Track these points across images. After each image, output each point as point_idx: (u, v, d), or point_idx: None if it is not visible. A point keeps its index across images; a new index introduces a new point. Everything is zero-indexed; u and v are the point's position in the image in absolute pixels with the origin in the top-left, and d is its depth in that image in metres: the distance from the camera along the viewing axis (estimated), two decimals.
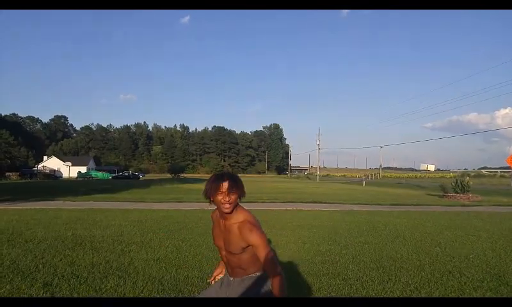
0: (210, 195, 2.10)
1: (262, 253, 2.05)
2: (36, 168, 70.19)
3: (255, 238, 2.06)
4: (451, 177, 35.09)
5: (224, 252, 2.23)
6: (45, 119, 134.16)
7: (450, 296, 4.09)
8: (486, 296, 4.10)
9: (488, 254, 6.17)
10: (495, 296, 4.10)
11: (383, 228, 8.90)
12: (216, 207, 2.19)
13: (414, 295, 4.07)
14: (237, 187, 2.09)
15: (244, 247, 2.10)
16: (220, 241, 2.23)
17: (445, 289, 4.32)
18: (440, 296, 4.08)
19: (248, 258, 2.14)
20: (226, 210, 2.08)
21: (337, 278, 4.67)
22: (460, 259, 5.81)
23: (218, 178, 2.09)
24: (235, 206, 2.12)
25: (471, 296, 4.10)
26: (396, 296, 4.05)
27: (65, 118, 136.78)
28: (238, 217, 2.14)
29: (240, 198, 2.14)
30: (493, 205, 16.51)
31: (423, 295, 4.08)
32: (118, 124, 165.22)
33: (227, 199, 2.06)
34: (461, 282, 4.61)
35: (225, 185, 2.06)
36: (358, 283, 4.47)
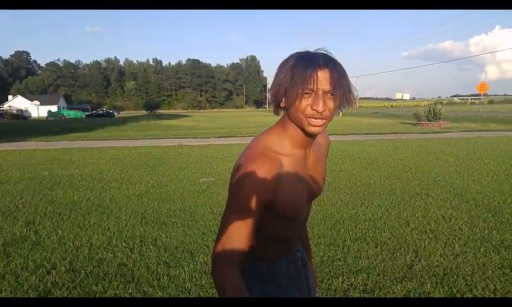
0: (283, 95, 1.01)
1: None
2: (1, 108, 67.17)
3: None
4: (425, 105, 35.92)
5: (303, 216, 1.21)
6: (5, 55, 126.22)
7: (416, 215, 4.41)
8: (449, 214, 4.44)
9: (452, 176, 6.58)
10: (457, 214, 4.44)
11: (357, 156, 9.24)
12: (258, 143, 1.08)
13: (384, 217, 4.36)
14: (342, 84, 0.99)
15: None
16: (304, 196, 1.13)
17: (413, 209, 4.65)
18: (408, 217, 4.38)
19: None
20: (316, 130, 1.01)
21: (313, 204, 4.91)
22: (428, 182, 6.18)
23: (309, 62, 0.98)
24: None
25: (435, 214, 4.43)
26: (368, 218, 4.33)
27: (27, 54, 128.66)
28: (322, 134, 1.22)
29: (340, 109, 1.08)
30: (462, 131, 17.21)
31: (392, 216, 4.37)
32: (87, 60, 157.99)
33: (322, 109, 0.97)
34: (427, 202, 4.95)
35: (322, 76, 0.96)
36: (332, 208, 4.73)
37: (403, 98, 44.74)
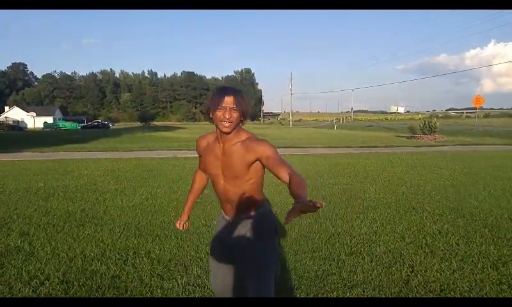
0: (210, 110, 1.83)
1: (275, 161, 1.77)
2: None
3: (265, 147, 1.82)
4: (420, 119, 36.21)
5: (222, 182, 1.94)
6: (2, 66, 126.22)
7: (412, 229, 4.40)
8: (445, 229, 4.43)
9: (448, 191, 6.59)
10: (453, 229, 4.44)
11: (352, 169, 9.25)
12: (208, 132, 2.01)
13: (379, 231, 4.35)
14: (240, 104, 1.80)
15: (251, 163, 1.84)
16: (216, 168, 1.94)
17: (408, 223, 4.64)
18: (403, 231, 4.37)
19: (251, 186, 1.91)
20: (225, 129, 1.80)
21: (308, 217, 4.88)
22: (423, 196, 6.19)
23: (221, 92, 1.81)
24: (236, 127, 1.83)
25: (431, 228, 4.42)
26: (363, 232, 4.31)
27: (24, 65, 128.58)
28: (240, 137, 1.88)
29: (242, 120, 1.85)
30: (457, 145, 17.34)
31: (387, 230, 4.36)
32: (83, 71, 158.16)
33: (227, 117, 1.78)
34: (423, 217, 4.95)
35: (228, 99, 1.78)
36: (327, 221, 4.71)
37: (398, 112, 45.07)
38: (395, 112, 46.82)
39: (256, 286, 1.90)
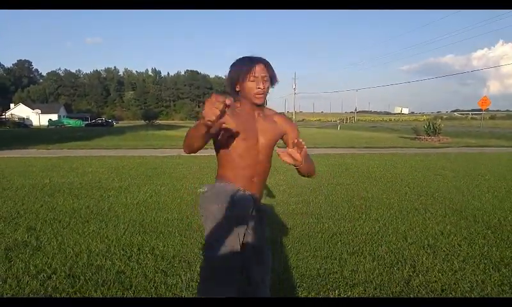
0: (237, 80, 1.71)
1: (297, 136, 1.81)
2: (4, 116, 67.30)
3: (293, 125, 1.90)
4: (424, 120, 36.11)
5: (256, 152, 1.79)
6: (8, 64, 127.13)
7: (414, 230, 4.42)
8: (447, 230, 4.45)
9: (451, 192, 6.60)
10: (456, 230, 4.45)
11: (355, 170, 9.27)
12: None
13: (381, 231, 4.37)
14: (272, 72, 1.74)
15: (279, 137, 1.87)
16: (253, 135, 1.77)
17: (411, 224, 4.66)
18: (405, 231, 4.40)
19: (271, 155, 1.88)
20: (259, 101, 1.72)
21: (310, 217, 4.93)
22: (426, 197, 6.20)
23: (251, 61, 1.71)
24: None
25: (433, 229, 4.44)
26: (365, 232, 4.34)
27: (29, 63, 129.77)
28: (268, 110, 1.87)
29: (271, 86, 1.80)
30: (462, 146, 17.29)
31: (390, 230, 4.38)
32: (87, 69, 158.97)
33: (261, 87, 1.69)
34: (425, 218, 4.96)
35: (259, 68, 1.69)
36: (330, 221, 4.74)
37: (402, 113, 45.01)
38: (399, 113, 46.75)
39: (266, 286, 1.91)
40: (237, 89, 1.73)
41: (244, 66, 1.69)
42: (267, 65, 1.72)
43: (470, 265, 3.43)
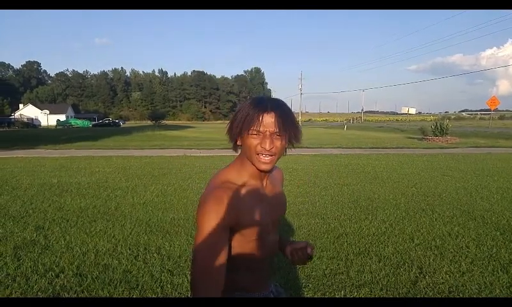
0: (238, 133, 1.15)
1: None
2: (13, 116, 68.08)
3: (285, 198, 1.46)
4: (432, 120, 35.85)
5: (271, 236, 1.29)
6: (17, 65, 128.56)
7: (421, 231, 4.39)
8: (455, 231, 4.42)
9: (459, 193, 6.54)
10: (464, 231, 4.42)
11: (361, 170, 9.22)
12: (222, 176, 1.19)
13: (388, 232, 4.35)
14: (288, 125, 1.13)
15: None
16: (266, 218, 1.23)
17: (417, 225, 4.63)
18: (412, 232, 4.37)
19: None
20: (264, 167, 1.14)
21: (316, 217, 4.92)
22: (434, 197, 6.16)
23: (258, 105, 1.12)
24: (278, 160, 1.19)
25: (440, 230, 4.41)
26: (372, 232, 4.32)
27: (38, 64, 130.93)
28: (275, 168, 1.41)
29: (287, 147, 1.21)
30: (470, 147, 17.12)
31: (396, 231, 4.36)
32: (94, 70, 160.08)
33: (269, 147, 1.11)
34: (433, 218, 4.93)
35: (270, 119, 1.11)
36: (336, 222, 4.73)
37: (409, 113, 44.70)
38: (406, 113, 46.46)
39: None
40: (239, 144, 1.18)
41: (248, 111, 1.12)
42: (281, 116, 1.12)
43: (478, 266, 3.40)
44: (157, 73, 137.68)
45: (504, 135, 25.60)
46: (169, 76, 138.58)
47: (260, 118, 1.10)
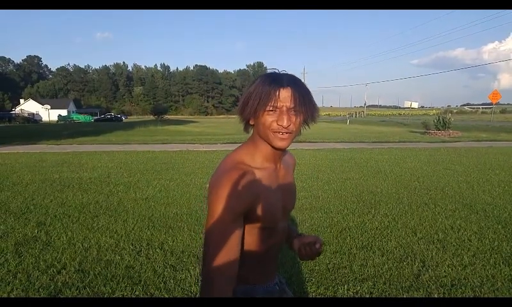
0: (252, 112, 1.07)
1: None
2: (14, 111, 68.22)
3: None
4: (434, 114, 35.72)
5: (282, 225, 1.23)
6: (17, 59, 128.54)
7: (423, 224, 4.38)
8: (457, 224, 4.40)
9: (462, 186, 6.52)
10: (466, 225, 4.40)
11: (364, 164, 9.20)
12: (237, 151, 1.15)
13: (391, 225, 4.34)
14: (306, 101, 1.08)
15: None
16: (279, 207, 1.17)
17: (420, 218, 4.62)
18: (415, 226, 4.36)
19: None
20: (281, 144, 1.07)
21: (319, 211, 4.91)
22: (436, 191, 6.14)
23: (274, 81, 1.05)
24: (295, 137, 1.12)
25: (443, 224, 4.40)
26: (374, 226, 4.31)
27: (39, 58, 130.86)
28: (288, 154, 1.32)
29: (305, 124, 1.16)
30: (472, 141, 17.06)
31: (399, 225, 4.35)
32: (96, 64, 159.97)
33: (286, 124, 1.04)
34: (435, 212, 4.92)
35: (287, 94, 1.05)
36: (339, 216, 4.72)
37: (412, 107, 44.52)
38: (408, 108, 46.32)
39: None
40: (251, 123, 1.11)
41: (263, 88, 1.05)
42: (299, 91, 1.06)
43: (480, 259, 3.39)
44: (159, 68, 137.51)
45: (506, 129, 25.49)
46: (171, 70, 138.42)
47: (277, 93, 1.04)
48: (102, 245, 3.69)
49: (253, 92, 1.06)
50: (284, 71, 1.12)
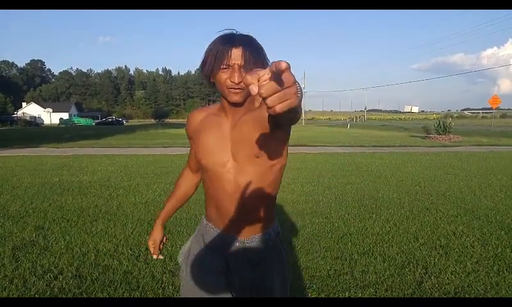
0: (210, 70, 1.18)
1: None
2: (15, 115, 68.38)
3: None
4: (434, 119, 35.66)
5: (231, 174, 1.24)
6: (21, 63, 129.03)
7: (425, 230, 4.33)
8: (460, 230, 4.36)
9: (463, 191, 6.47)
10: (468, 230, 4.36)
11: (365, 169, 9.16)
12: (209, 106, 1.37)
13: (392, 231, 4.30)
14: (256, 59, 1.15)
15: (264, 126, 1.15)
16: (222, 152, 1.25)
17: (422, 224, 4.57)
18: (417, 232, 4.31)
19: (275, 175, 1.28)
20: (235, 98, 1.16)
21: (320, 216, 4.87)
22: (437, 196, 6.09)
23: (225, 41, 1.15)
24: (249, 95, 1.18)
25: (445, 229, 4.35)
26: (376, 232, 4.26)
27: (42, 62, 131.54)
28: (255, 104, 1.09)
29: None
30: (473, 145, 17.00)
31: (401, 231, 4.30)
32: (98, 68, 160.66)
33: (238, 80, 1.12)
34: (437, 217, 4.87)
35: (237, 53, 1.13)
36: (339, 221, 4.67)
37: (412, 111, 44.55)
38: (409, 112, 46.31)
39: None
40: (212, 81, 1.21)
41: (217, 47, 1.15)
42: (249, 49, 1.14)
43: (484, 266, 3.34)
44: (161, 72, 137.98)
45: (506, 134, 25.43)
46: (173, 74, 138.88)
47: (229, 52, 1.13)
48: (100, 249, 3.65)
49: (209, 52, 1.18)
50: (239, 33, 1.21)
